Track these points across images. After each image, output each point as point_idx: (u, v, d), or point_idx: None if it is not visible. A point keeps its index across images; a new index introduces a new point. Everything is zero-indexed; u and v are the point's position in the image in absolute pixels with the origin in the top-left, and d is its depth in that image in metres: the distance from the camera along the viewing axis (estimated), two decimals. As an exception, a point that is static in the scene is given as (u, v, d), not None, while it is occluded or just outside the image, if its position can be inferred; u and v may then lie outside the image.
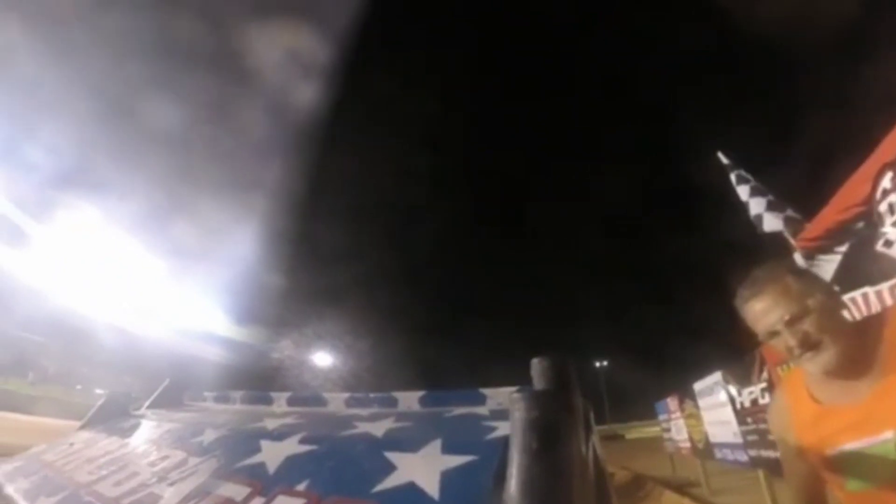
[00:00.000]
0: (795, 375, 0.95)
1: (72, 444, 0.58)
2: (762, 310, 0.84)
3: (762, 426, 3.67)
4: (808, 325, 0.79)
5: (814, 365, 0.80)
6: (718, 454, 5.05)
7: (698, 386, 5.55)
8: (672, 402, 7.18)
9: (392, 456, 0.24)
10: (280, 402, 0.46)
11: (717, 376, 4.72)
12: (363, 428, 0.30)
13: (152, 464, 0.38)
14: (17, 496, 0.42)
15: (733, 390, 4.25)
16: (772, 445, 3.48)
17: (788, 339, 0.81)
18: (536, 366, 0.24)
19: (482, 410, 0.29)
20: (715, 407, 4.94)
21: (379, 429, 0.29)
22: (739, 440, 4.19)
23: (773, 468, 3.54)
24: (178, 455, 0.37)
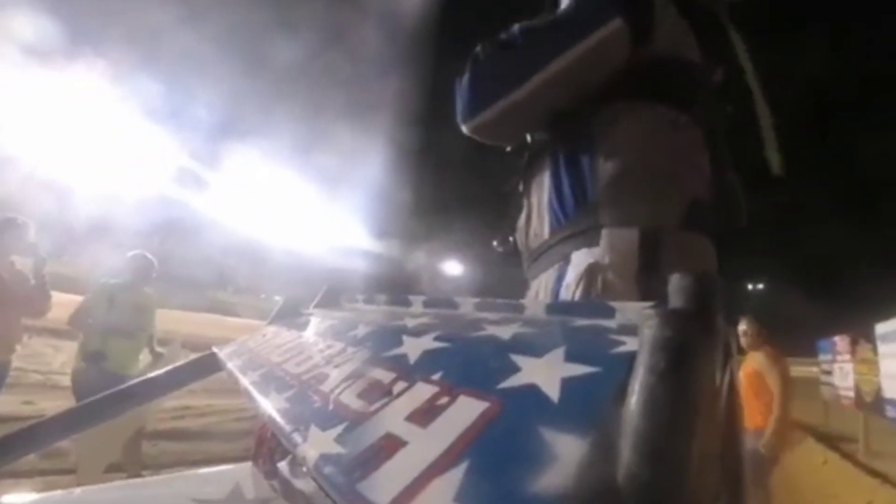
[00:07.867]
0: None
1: (264, 336, 0.75)
2: None
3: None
4: None
5: None
6: (890, 412, 4.26)
7: (883, 328, 4.58)
8: (841, 342, 6.10)
9: (517, 358, 0.25)
10: (417, 303, 0.51)
11: (914, 317, 3.83)
12: (491, 330, 0.32)
13: (320, 351, 0.47)
14: (235, 370, 0.57)
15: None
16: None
17: None
18: (675, 282, 0.21)
19: (610, 324, 0.29)
20: (902, 354, 4.08)
21: (506, 332, 0.30)
22: (929, 398, 3.45)
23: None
24: (338, 345, 0.45)
